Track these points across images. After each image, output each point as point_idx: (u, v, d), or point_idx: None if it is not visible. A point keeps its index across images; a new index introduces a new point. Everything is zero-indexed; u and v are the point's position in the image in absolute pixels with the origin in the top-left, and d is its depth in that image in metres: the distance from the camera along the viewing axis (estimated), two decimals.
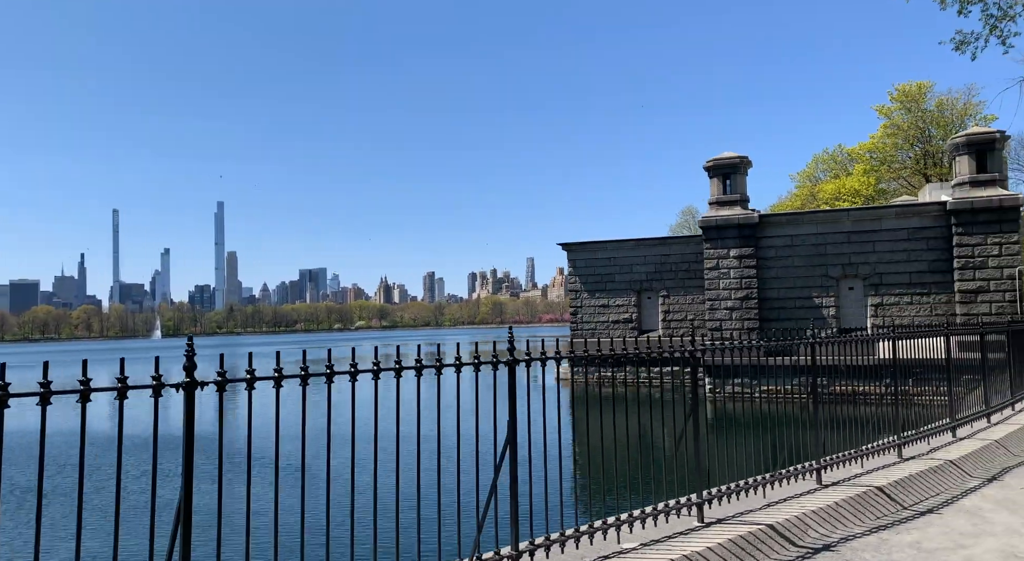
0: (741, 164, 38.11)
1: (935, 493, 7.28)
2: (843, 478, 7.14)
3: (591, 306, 46.45)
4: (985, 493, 7.37)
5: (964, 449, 8.70)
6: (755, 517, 5.80)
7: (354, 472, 3.73)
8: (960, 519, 6.46)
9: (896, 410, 8.22)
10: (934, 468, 7.77)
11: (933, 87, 64.76)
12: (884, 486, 6.92)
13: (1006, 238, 32.34)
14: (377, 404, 4.19)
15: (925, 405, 9.26)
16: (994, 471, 8.30)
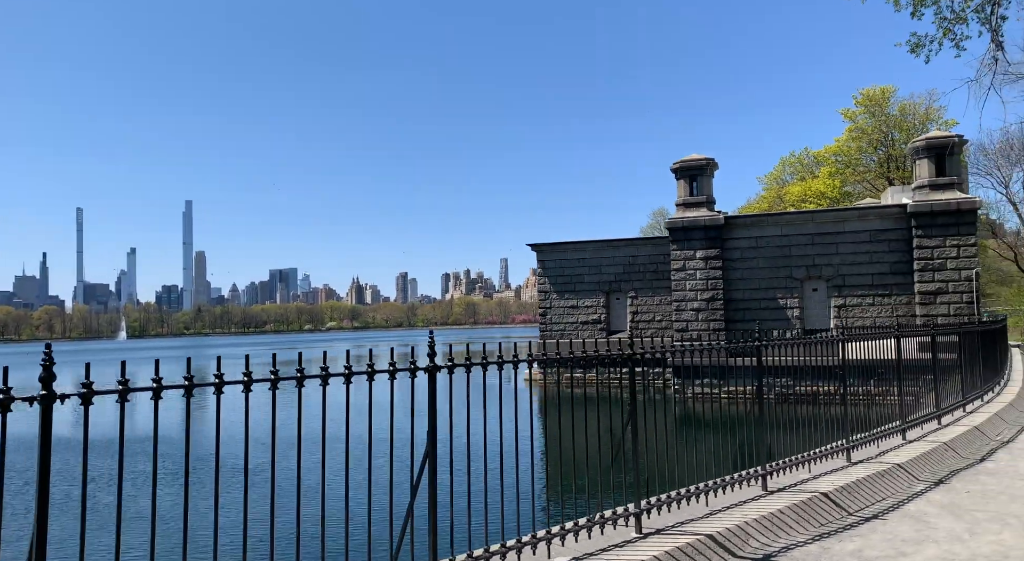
0: (707, 166, 38.32)
1: (881, 498, 7.20)
2: (790, 484, 7.02)
3: (560, 307, 46.39)
4: (931, 497, 7.31)
5: (913, 452, 8.66)
6: (696, 527, 5.63)
7: (299, 477, 3.49)
8: (904, 525, 6.36)
9: (845, 413, 8.14)
10: (882, 472, 7.70)
11: (896, 92, 66.05)
12: (830, 492, 6.81)
13: (964, 241, 32.94)
14: (325, 409, 4.00)
15: (880, 407, 9.22)
16: (941, 474, 8.26)
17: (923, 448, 8.88)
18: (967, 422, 10.85)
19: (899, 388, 9.42)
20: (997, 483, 7.90)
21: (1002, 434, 10.91)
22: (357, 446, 4.39)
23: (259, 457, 17.77)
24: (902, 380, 9.58)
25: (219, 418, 3.79)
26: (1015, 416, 12.58)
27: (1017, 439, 10.60)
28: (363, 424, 4.26)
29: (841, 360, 8.21)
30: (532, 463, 5.44)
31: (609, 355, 5.56)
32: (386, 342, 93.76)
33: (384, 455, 5.20)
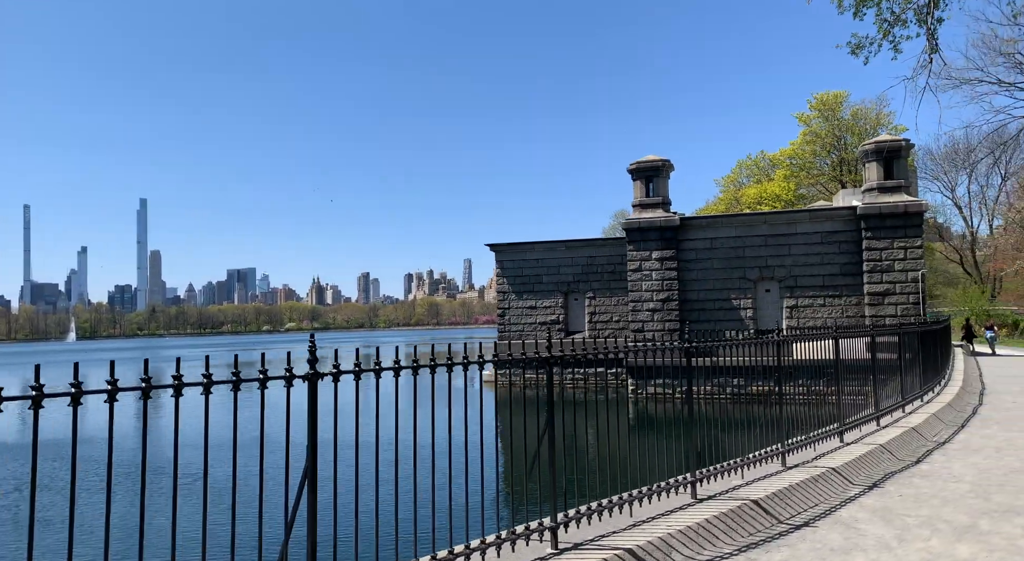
0: (663, 167, 38.47)
1: (814, 504, 7.02)
2: (721, 491, 6.78)
3: (519, 307, 46.13)
4: (864, 502, 7.16)
5: (850, 455, 8.54)
6: (616, 540, 5.33)
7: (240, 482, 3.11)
8: (834, 533, 6.17)
9: (781, 416, 7.96)
10: (816, 477, 7.53)
11: (849, 97, 67.58)
12: (761, 499, 6.59)
13: (910, 243, 33.64)
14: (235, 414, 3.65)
15: (819, 408, 9.10)
16: (876, 478, 8.14)
17: (860, 451, 8.77)
18: (905, 423, 10.83)
19: (838, 390, 9.31)
20: (930, 486, 7.81)
21: (939, 435, 10.93)
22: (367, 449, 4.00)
23: (196, 463, 17.06)
24: (841, 381, 9.48)
25: (177, 422, 3.63)
26: (952, 416, 12.67)
27: (953, 440, 10.62)
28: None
29: (777, 362, 8.04)
30: (450, 473, 5.08)
31: (524, 359, 5.23)
32: (347, 343, 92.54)
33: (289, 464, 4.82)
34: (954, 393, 14.94)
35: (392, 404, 4.62)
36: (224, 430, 6.11)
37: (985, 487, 7.73)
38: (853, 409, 10.16)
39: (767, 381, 8.27)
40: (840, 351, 9.39)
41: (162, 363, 57.31)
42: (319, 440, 3.94)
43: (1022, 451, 9.70)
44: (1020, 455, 9.44)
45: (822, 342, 9.35)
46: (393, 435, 4.30)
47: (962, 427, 11.79)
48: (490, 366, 46.27)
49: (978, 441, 10.50)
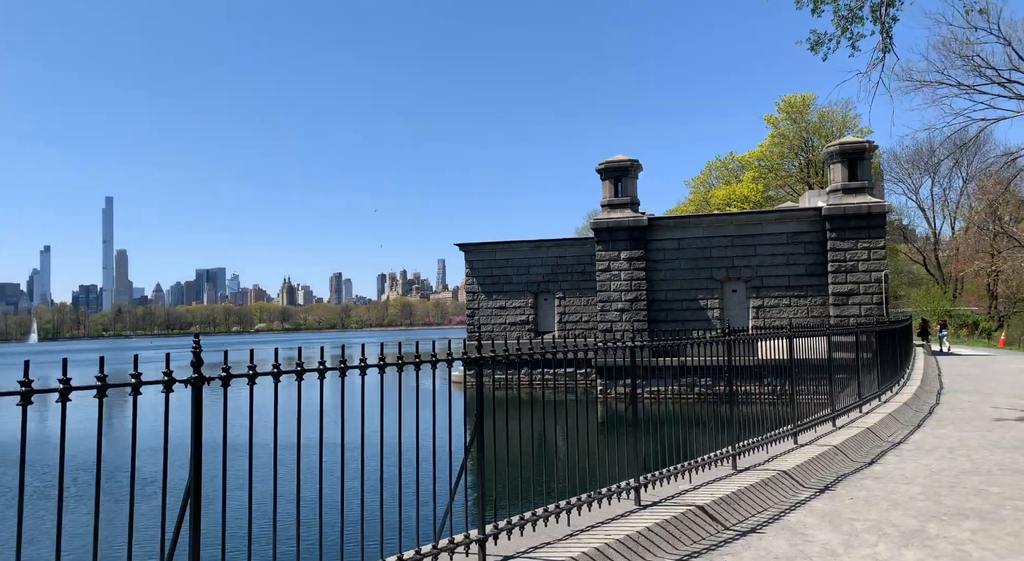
0: (632, 167, 38.46)
1: (763, 508, 6.82)
2: (666, 496, 6.55)
3: (488, 307, 45.85)
4: (814, 506, 6.98)
5: (803, 457, 8.38)
6: (549, 552, 5.05)
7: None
8: (781, 539, 5.96)
9: (731, 417, 7.77)
10: (767, 480, 7.34)
11: (816, 99, 68.38)
12: (707, 505, 6.36)
13: (874, 243, 34.02)
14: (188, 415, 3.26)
15: (775, 409, 8.94)
16: (828, 480, 7.99)
17: (813, 452, 8.62)
18: (861, 424, 10.74)
19: (791, 390, 9.15)
20: (881, 488, 7.67)
21: (894, 435, 10.86)
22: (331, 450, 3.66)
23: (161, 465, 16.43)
24: (796, 382, 9.33)
25: (135, 421, 3.45)
26: (909, 416, 12.65)
27: (908, 440, 10.55)
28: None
29: (728, 362, 7.84)
30: (381, 481, 4.76)
31: (450, 358, 4.93)
32: (317, 344, 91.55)
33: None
34: (912, 392, 14.97)
35: (330, 407, 4.30)
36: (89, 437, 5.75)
37: (936, 489, 7.61)
38: (809, 409, 10.03)
39: (735, 381, 8.20)
40: (794, 351, 9.23)
41: (121, 365, 55.92)
42: (207, 449, 3.59)
43: (974, 452, 9.65)
44: (972, 456, 9.38)
45: (777, 342, 9.21)
46: (312, 442, 3.97)
47: (918, 427, 11.76)
48: (459, 366, 46.01)
49: (932, 441, 10.45)
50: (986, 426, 11.82)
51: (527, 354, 5.55)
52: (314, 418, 4.36)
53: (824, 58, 11.77)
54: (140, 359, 3.48)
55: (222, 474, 3.64)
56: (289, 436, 4.64)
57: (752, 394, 8.43)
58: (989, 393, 16.73)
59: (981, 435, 10.92)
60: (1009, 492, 7.45)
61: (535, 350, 5.66)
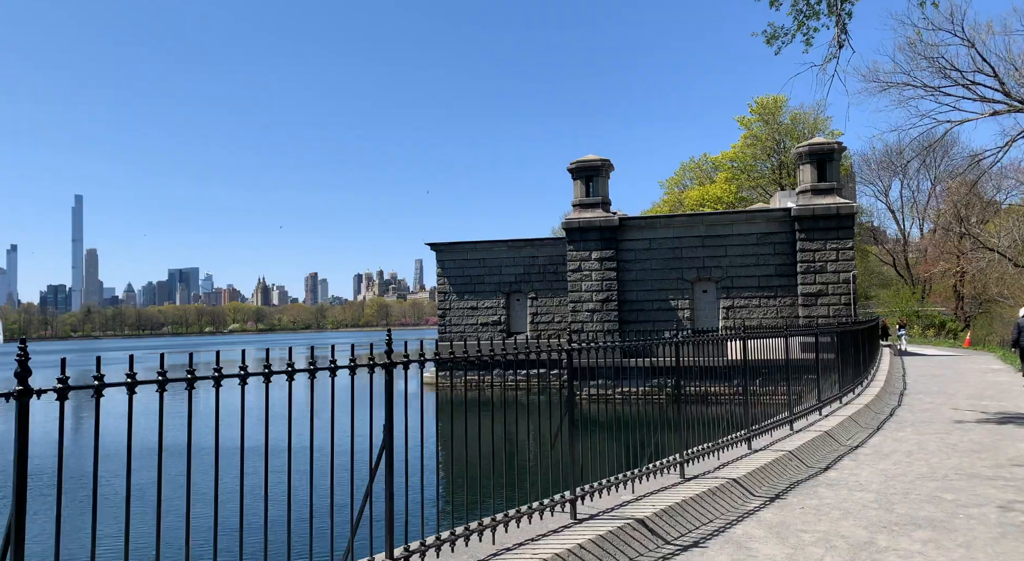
0: (603, 167, 38.25)
1: (709, 520, 6.48)
2: (605, 509, 6.18)
3: (460, 308, 45.43)
4: (762, 516, 6.66)
5: (755, 463, 8.07)
6: None
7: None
8: (724, 554, 5.62)
9: (680, 422, 7.43)
10: (715, 489, 7.01)
11: (788, 101, 68.86)
12: (648, 517, 6.00)
13: (842, 244, 34.16)
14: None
15: (732, 411, 8.64)
16: (780, 488, 7.69)
17: (767, 458, 8.32)
18: (820, 427, 10.49)
19: (746, 394, 8.85)
20: (834, 496, 7.38)
21: (853, 438, 10.64)
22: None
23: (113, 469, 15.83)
24: (751, 385, 9.04)
25: (98, 425, 3.27)
26: (869, 418, 12.46)
27: (866, 444, 10.33)
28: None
29: (676, 363, 7.51)
30: (291, 492, 4.34)
31: (356, 365, 4.52)
32: (291, 344, 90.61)
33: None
34: (874, 394, 14.82)
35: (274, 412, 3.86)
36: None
37: (889, 496, 7.34)
38: (767, 413, 9.75)
39: (707, 383, 8.14)
40: (748, 353, 8.93)
41: (87, 367, 54.54)
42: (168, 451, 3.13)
43: (931, 455, 9.43)
44: (929, 460, 9.16)
45: (732, 343, 8.92)
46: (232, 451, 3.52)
47: (877, 430, 11.55)
48: (431, 367, 45.48)
49: (890, 445, 10.23)
50: (945, 428, 11.66)
51: (474, 357, 5.15)
52: (273, 421, 4.20)
53: (777, 52, 11.57)
54: (105, 361, 3.29)
55: (166, 475, 3.18)
56: (250, 439, 4.40)
57: (722, 396, 8.35)
58: (951, 394, 16.67)
59: (940, 438, 10.74)
60: (963, 499, 7.21)
61: (484, 352, 5.26)
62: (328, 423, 4.39)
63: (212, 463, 4.07)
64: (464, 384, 5.88)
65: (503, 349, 5.96)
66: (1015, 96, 24.90)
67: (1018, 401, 15.16)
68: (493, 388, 5.96)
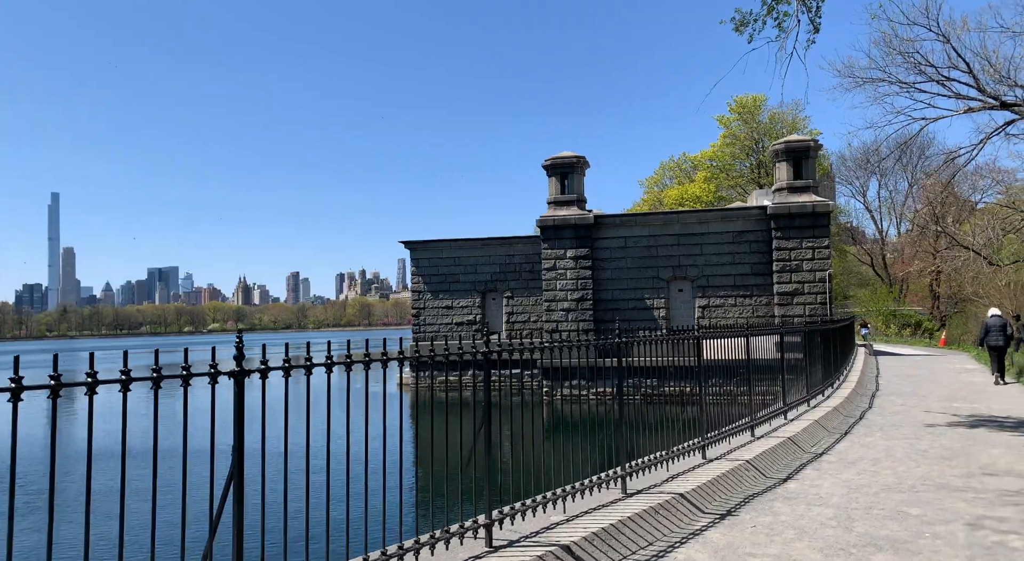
0: (578, 164, 37.64)
1: (648, 542, 5.80)
2: (530, 533, 5.46)
3: (434, 307, 44.66)
4: (709, 537, 6.00)
5: (708, 474, 7.42)
6: None
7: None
8: None
9: (621, 431, 6.76)
10: (659, 506, 6.34)
11: (767, 101, 68.77)
12: (577, 542, 5.31)
13: (818, 242, 33.81)
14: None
15: (686, 419, 7.99)
16: (733, 503, 7.04)
17: (721, 469, 7.68)
18: (783, 433, 9.88)
19: (702, 398, 8.20)
20: (791, 512, 6.75)
21: (818, 445, 10.04)
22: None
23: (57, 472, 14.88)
24: (705, 389, 8.39)
25: (55, 426, 3.12)
26: (837, 422, 11.90)
27: (832, 450, 9.73)
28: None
29: (619, 365, 6.84)
30: (264, 491, 3.60)
31: (309, 365, 3.79)
32: (272, 344, 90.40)
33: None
34: (844, 396, 14.29)
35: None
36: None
37: (850, 512, 6.72)
38: (727, 417, 9.11)
39: (685, 381, 7.99)
40: (702, 355, 8.29)
41: (66, 368, 53.05)
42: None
43: (899, 463, 8.85)
44: (896, 468, 8.57)
45: (684, 344, 8.26)
46: None
47: (845, 435, 10.97)
48: (408, 368, 44.50)
49: (857, 452, 9.64)
50: (916, 433, 11.11)
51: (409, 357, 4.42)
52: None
53: (750, 39, 10.94)
54: (77, 361, 2.61)
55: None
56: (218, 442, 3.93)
57: (695, 397, 8.21)
58: (924, 396, 16.20)
59: (909, 444, 10.18)
60: (930, 514, 6.60)
61: (419, 353, 4.55)
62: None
63: (179, 465, 3.82)
64: (458, 383, 5.50)
65: (415, 350, 5.28)
66: (989, 92, 24.57)
67: (990, 403, 14.71)
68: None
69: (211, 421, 3.79)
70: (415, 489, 4.25)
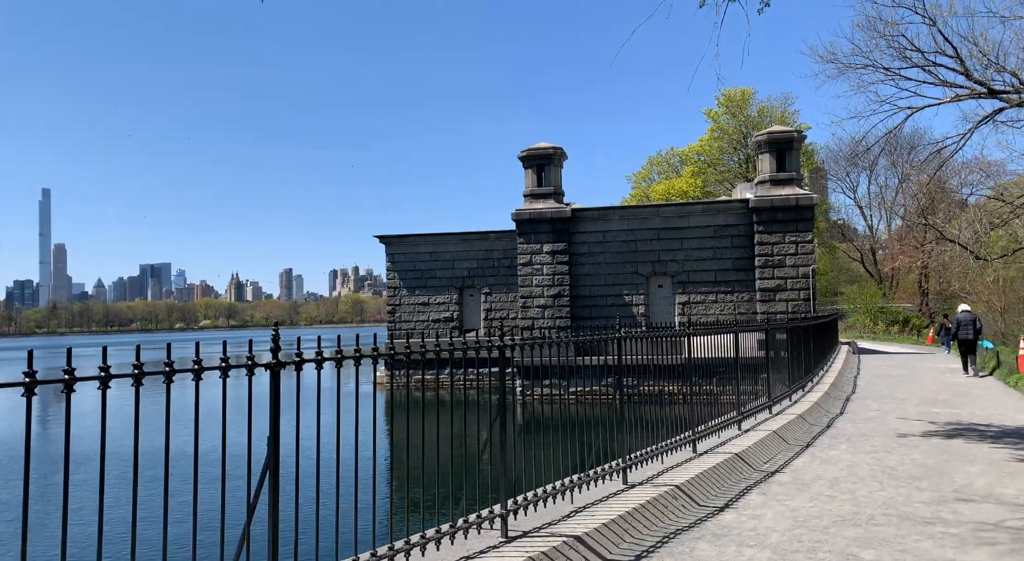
0: (555, 155, 36.34)
1: None
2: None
3: (411, 304, 43.39)
4: None
5: (622, 506, 6.07)
6: None
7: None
8: None
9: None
10: (542, 555, 5.05)
11: (755, 94, 67.59)
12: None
13: (801, 237, 32.62)
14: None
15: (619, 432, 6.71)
16: (648, 543, 5.73)
17: (643, 497, 6.38)
18: (732, 447, 8.59)
19: (622, 410, 6.92)
20: (716, 555, 5.47)
21: (772, 461, 8.78)
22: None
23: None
24: (624, 402, 7.11)
25: (29, 424, 2.99)
26: (801, 432, 10.63)
27: (787, 467, 8.46)
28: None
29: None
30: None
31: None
32: (261, 340, 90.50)
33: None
34: (814, 401, 13.04)
35: None
36: None
37: (789, 556, 5.44)
38: (670, 429, 7.81)
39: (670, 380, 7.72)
40: (623, 355, 7.00)
41: (51, 365, 51.77)
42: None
43: (861, 484, 7.59)
44: (857, 491, 7.31)
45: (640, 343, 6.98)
46: None
47: (807, 447, 9.72)
48: (382, 366, 43.15)
49: (815, 469, 8.38)
50: (886, 445, 9.87)
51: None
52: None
53: (701, 4, 9.62)
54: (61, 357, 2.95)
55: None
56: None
57: (675, 395, 7.96)
58: (902, 399, 14.98)
59: (877, 459, 8.93)
60: (887, 559, 5.34)
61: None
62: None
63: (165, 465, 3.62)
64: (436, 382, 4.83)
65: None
66: (977, 78, 23.33)
67: (973, 407, 13.50)
68: (458, 387, 5.47)
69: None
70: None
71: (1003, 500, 6.91)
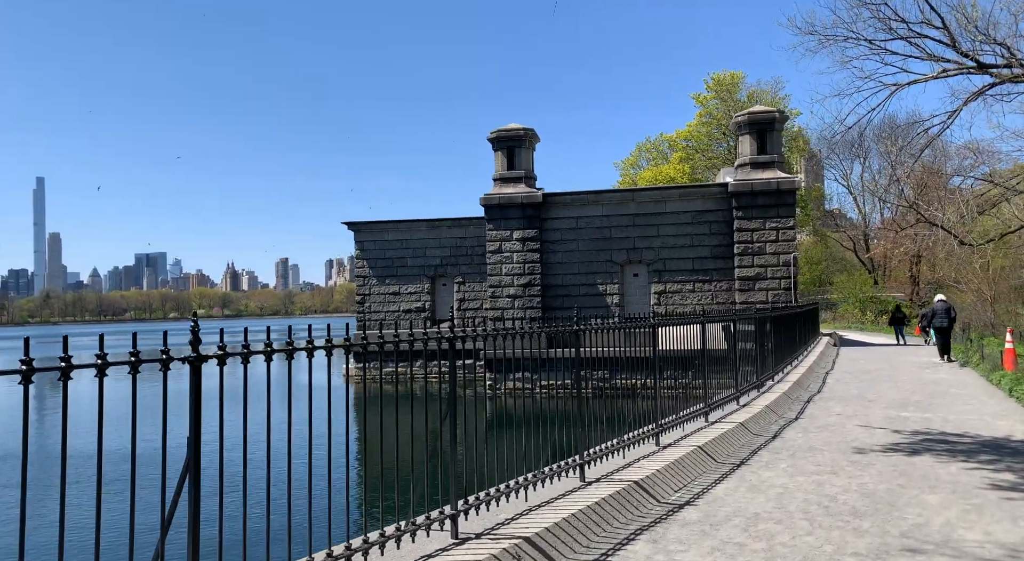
0: (526, 137, 34.56)
1: None
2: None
3: (381, 293, 41.81)
4: None
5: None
6: None
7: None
8: None
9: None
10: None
11: (745, 78, 65.80)
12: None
13: (783, 223, 30.97)
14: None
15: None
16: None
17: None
18: (637, 470, 6.90)
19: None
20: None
21: (686, 489, 7.10)
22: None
23: None
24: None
25: (27, 412, 3.00)
26: (737, 445, 8.96)
27: (701, 498, 6.79)
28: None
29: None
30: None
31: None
32: (254, 328, 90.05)
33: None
34: (766, 403, 11.38)
35: None
36: None
37: None
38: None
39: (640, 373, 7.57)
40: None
41: (48, 354, 50.23)
42: None
43: (785, 524, 5.94)
44: (776, 537, 5.65)
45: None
46: None
47: (738, 466, 8.06)
48: (353, 360, 41.58)
49: (736, 501, 6.73)
50: (835, 463, 8.25)
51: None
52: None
53: None
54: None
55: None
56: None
57: (648, 389, 7.92)
58: (871, 400, 13.35)
59: (818, 485, 7.30)
60: None
61: None
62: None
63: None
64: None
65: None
66: (964, 50, 21.61)
67: (947, 411, 11.88)
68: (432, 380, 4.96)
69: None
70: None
71: (962, 550, 5.29)
